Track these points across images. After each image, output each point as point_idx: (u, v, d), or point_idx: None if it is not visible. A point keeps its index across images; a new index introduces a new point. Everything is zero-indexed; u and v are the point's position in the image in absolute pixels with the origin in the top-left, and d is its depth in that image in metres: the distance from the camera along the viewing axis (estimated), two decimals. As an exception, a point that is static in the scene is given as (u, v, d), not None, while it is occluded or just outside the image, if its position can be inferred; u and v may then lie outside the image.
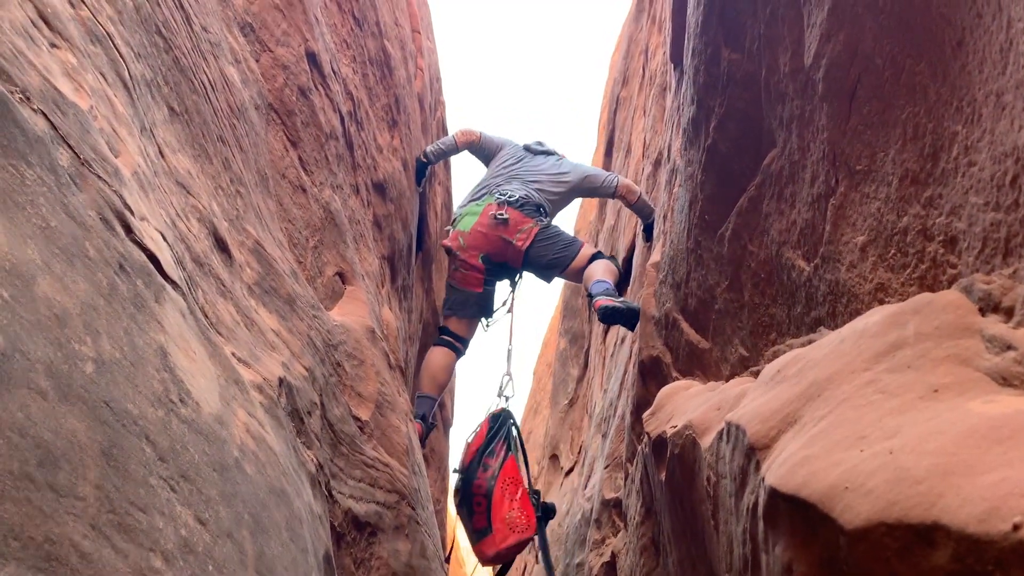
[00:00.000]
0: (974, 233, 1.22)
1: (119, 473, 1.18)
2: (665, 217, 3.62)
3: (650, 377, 3.32)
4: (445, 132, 7.54)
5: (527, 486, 4.32)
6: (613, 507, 4.68)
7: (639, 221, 5.23)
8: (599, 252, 5.02)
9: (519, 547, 4.24)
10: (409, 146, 5.35)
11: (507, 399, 4.92)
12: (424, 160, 5.50)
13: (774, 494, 1.23)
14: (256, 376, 2.11)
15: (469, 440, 4.66)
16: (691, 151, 2.73)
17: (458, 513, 4.57)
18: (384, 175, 4.62)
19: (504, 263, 5.02)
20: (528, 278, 5.34)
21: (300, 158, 3.29)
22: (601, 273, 4.69)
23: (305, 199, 3.25)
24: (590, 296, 4.63)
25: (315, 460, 2.45)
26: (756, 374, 2.07)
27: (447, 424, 7.29)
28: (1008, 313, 1.09)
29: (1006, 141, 1.11)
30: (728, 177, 2.39)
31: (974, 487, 0.85)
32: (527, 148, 5.59)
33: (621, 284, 4.95)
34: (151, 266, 1.56)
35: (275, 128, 3.17)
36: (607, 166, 8.18)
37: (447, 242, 5.13)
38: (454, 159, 7.26)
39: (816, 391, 1.34)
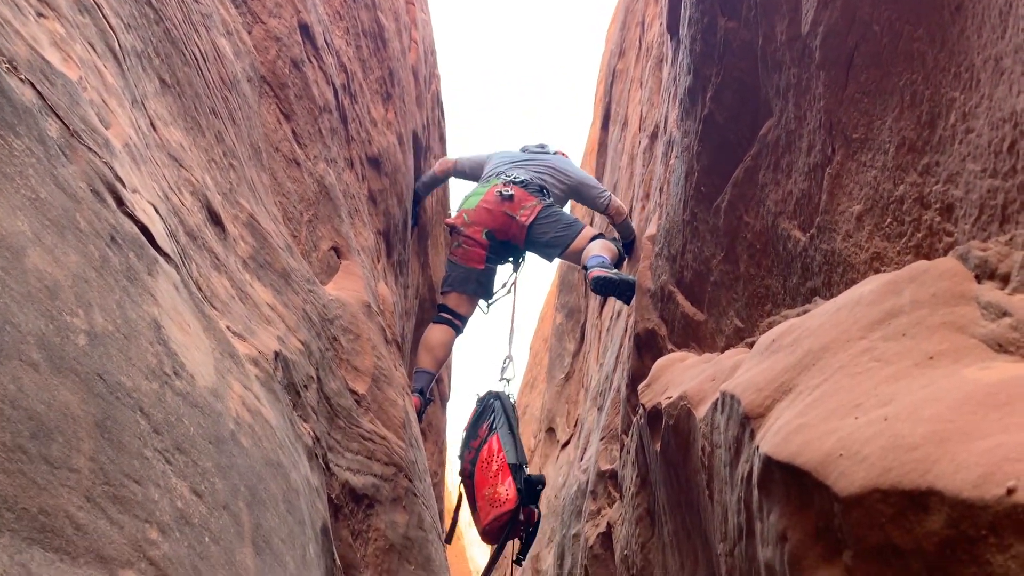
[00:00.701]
0: (971, 200, 1.21)
1: (113, 445, 1.18)
2: (661, 189, 3.60)
3: (645, 350, 3.32)
4: (439, 105, 7.48)
5: (511, 461, 4.29)
6: (609, 478, 4.71)
7: (635, 197, 5.25)
8: (600, 234, 5.05)
9: (502, 521, 4.18)
10: (404, 119, 5.31)
11: (507, 381, 4.96)
12: (418, 193, 5.69)
13: (769, 462, 1.23)
14: (251, 350, 2.10)
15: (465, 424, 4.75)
16: (687, 122, 2.71)
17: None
18: (379, 149, 4.59)
19: (507, 241, 5.08)
20: (529, 259, 5.40)
21: (293, 131, 3.27)
22: (598, 250, 4.75)
23: (299, 173, 3.23)
24: (585, 269, 4.65)
25: (312, 433, 2.46)
26: (751, 345, 2.07)
27: (444, 399, 7.32)
28: (1004, 279, 1.08)
29: (1004, 106, 1.10)
30: (724, 147, 2.38)
31: (969, 453, 0.85)
32: (524, 149, 5.74)
33: (618, 265, 4.97)
34: (143, 239, 1.55)
35: (268, 101, 3.14)
36: (603, 140, 8.15)
37: (451, 220, 5.21)
38: (449, 132, 7.32)
39: (811, 360, 1.33)
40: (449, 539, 4.67)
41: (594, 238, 4.91)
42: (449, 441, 7.86)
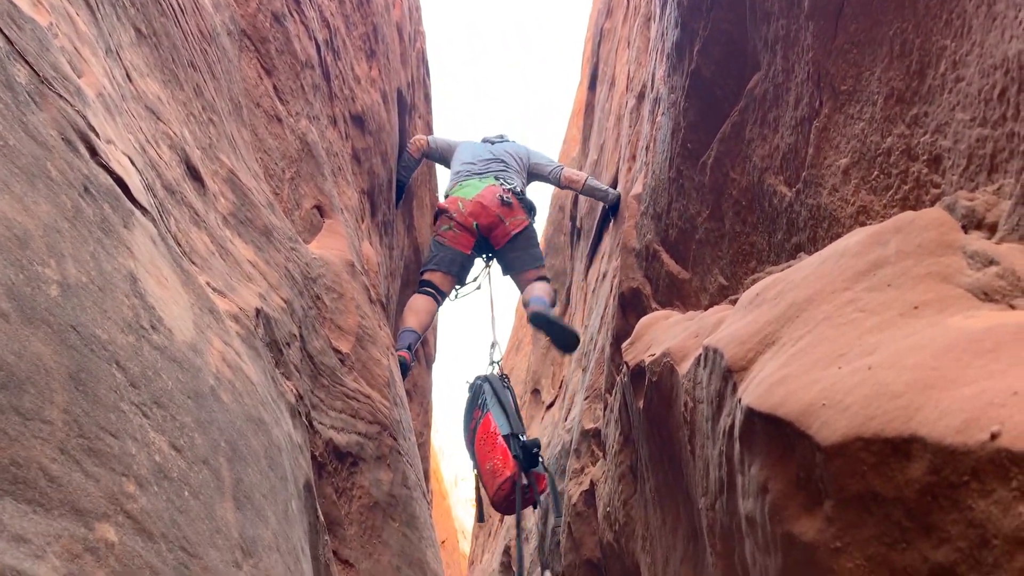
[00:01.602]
0: (959, 151, 1.20)
1: (88, 398, 1.16)
2: (647, 148, 3.57)
3: (630, 309, 3.32)
4: (424, 63, 7.39)
5: (504, 432, 4.32)
6: (592, 437, 4.73)
7: (621, 158, 5.23)
8: (545, 276, 5.54)
9: (506, 489, 4.18)
10: (388, 77, 5.23)
11: (496, 364, 5.16)
12: (401, 181, 5.96)
13: (751, 414, 1.23)
14: (232, 306, 2.07)
15: None
16: (674, 77, 2.67)
17: None
18: (362, 107, 4.52)
19: (486, 239, 5.43)
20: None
21: (275, 87, 3.21)
22: (541, 290, 5.26)
23: (281, 129, 3.18)
24: (526, 304, 5.17)
25: (295, 391, 2.44)
26: (735, 303, 2.06)
27: (430, 360, 7.34)
28: (991, 229, 1.07)
29: (996, 53, 1.08)
30: (711, 103, 2.35)
31: (953, 399, 0.84)
32: (485, 140, 6.10)
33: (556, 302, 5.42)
34: (118, 190, 1.51)
35: (248, 55, 3.07)
36: (591, 100, 8.07)
37: (444, 204, 5.49)
38: (434, 85, 7.27)
39: (795, 312, 1.32)
40: (480, 518, 4.79)
41: (540, 279, 5.43)
42: (434, 402, 7.90)
